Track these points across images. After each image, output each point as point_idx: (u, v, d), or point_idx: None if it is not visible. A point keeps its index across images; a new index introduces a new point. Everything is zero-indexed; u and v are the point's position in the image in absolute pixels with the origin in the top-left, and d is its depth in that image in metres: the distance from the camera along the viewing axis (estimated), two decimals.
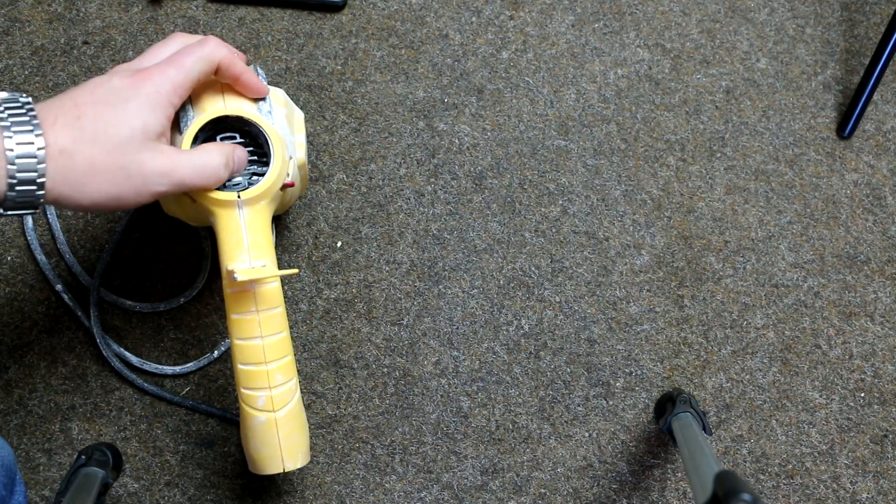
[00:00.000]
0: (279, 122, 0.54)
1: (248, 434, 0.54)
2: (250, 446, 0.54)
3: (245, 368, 0.52)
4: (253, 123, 0.51)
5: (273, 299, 0.52)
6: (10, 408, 0.65)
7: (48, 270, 0.66)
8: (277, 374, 0.53)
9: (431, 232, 0.70)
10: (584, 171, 0.71)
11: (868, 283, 0.71)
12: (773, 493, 0.67)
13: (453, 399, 0.67)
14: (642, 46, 0.74)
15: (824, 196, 0.72)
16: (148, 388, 0.65)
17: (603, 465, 0.67)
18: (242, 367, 0.52)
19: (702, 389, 0.68)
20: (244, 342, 0.52)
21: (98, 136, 0.44)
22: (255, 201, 0.51)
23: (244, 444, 0.55)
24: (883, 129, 0.74)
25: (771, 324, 0.70)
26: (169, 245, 0.68)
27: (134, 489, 0.64)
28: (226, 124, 0.52)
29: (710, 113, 0.73)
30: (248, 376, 0.52)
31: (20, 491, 0.55)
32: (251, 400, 0.52)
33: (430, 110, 0.72)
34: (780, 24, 0.75)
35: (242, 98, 0.52)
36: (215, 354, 0.66)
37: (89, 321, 0.65)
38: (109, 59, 0.71)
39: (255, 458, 0.54)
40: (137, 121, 0.45)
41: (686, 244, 0.71)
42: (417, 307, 0.68)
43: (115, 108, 0.45)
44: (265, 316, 0.52)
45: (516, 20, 0.74)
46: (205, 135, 0.52)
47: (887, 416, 0.68)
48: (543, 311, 0.69)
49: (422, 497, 0.65)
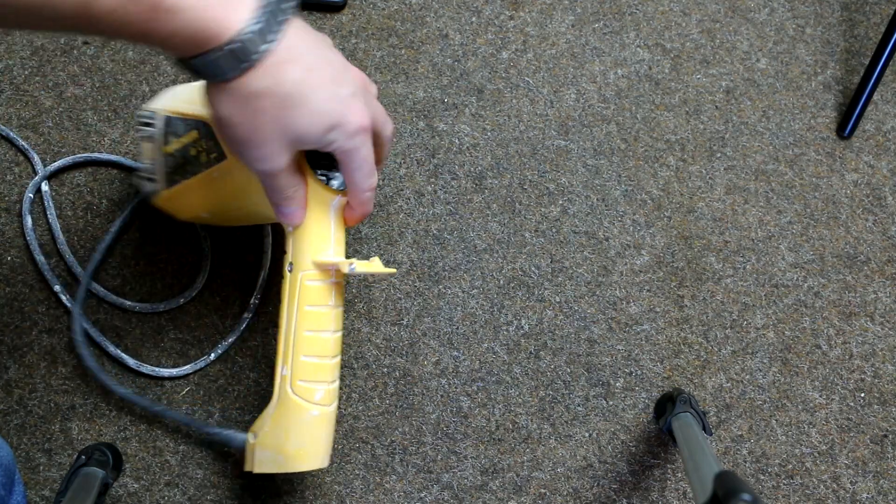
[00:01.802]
0: None
1: (293, 428, 0.52)
2: (291, 441, 0.52)
3: (309, 361, 0.51)
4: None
5: (342, 297, 0.53)
6: (10, 408, 0.65)
7: (46, 271, 0.66)
8: (337, 369, 0.53)
9: (431, 232, 0.70)
10: (584, 171, 0.71)
11: (868, 283, 0.71)
12: (773, 493, 0.67)
13: (453, 399, 0.67)
14: (642, 46, 0.74)
15: (824, 196, 0.72)
16: (119, 390, 0.63)
17: (603, 465, 0.67)
18: (306, 359, 0.51)
19: (702, 389, 0.68)
20: (314, 334, 0.51)
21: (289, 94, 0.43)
22: (343, 200, 0.52)
23: (280, 439, 0.52)
24: (883, 129, 0.74)
25: (771, 324, 0.70)
26: (169, 245, 0.68)
27: (134, 489, 0.64)
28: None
29: (710, 113, 0.73)
30: (311, 369, 0.51)
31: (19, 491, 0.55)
32: (308, 393, 0.51)
33: (430, 110, 0.72)
34: (780, 24, 0.75)
35: None
36: (212, 357, 0.66)
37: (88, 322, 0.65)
38: (110, 60, 0.71)
39: (293, 454, 0.52)
40: (324, 111, 0.44)
41: (686, 244, 0.71)
42: (417, 307, 0.68)
43: (320, 83, 0.44)
44: (338, 311, 0.53)
45: (516, 20, 0.74)
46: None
47: (887, 416, 0.68)
48: (543, 311, 0.69)
49: (422, 497, 0.65)
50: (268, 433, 0.52)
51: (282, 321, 0.52)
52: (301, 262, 0.51)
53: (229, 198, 0.55)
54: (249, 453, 0.54)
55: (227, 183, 0.54)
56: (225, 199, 0.56)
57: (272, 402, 0.53)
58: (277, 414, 0.52)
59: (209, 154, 0.53)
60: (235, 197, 0.54)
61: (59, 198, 0.68)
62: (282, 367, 0.52)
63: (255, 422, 0.54)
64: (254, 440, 0.53)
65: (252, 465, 0.53)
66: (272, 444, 0.52)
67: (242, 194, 0.53)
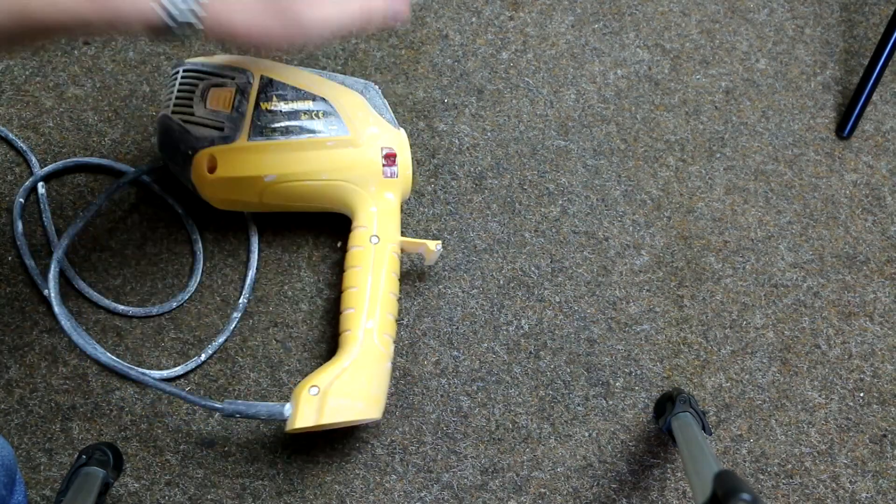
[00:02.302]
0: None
1: (376, 375, 0.59)
2: (373, 388, 0.59)
3: (390, 318, 0.61)
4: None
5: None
6: (10, 407, 0.65)
7: (36, 275, 0.66)
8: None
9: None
10: (583, 171, 0.72)
11: (867, 283, 0.71)
12: (772, 492, 0.67)
13: (453, 399, 0.67)
14: (642, 47, 0.74)
15: (824, 196, 0.72)
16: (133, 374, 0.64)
17: (603, 465, 0.67)
18: (390, 316, 0.61)
19: (701, 389, 0.68)
20: (394, 297, 0.62)
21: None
22: (406, 192, 0.65)
23: (361, 386, 0.58)
24: (882, 130, 0.74)
25: (770, 324, 0.70)
26: (168, 246, 0.68)
27: (134, 489, 0.64)
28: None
29: (709, 113, 0.73)
30: (390, 325, 0.61)
31: (20, 490, 0.56)
32: (388, 346, 0.61)
33: (430, 110, 0.72)
34: (779, 25, 0.76)
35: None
36: (202, 358, 0.66)
37: (75, 325, 0.65)
38: (110, 60, 0.71)
39: (372, 399, 0.59)
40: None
41: (686, 244, 0.71)
42: (417, 307, 0.68)
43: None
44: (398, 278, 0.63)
45: (516, 20, 0.74)
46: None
47: (886, 415, 0.68)
48: (543, 311, 0.69)
49: (422, 497, 0.66)
50: (347, 381, 0.58)
51: (364, 283, 0.60)
52: (388, 236, 0.62)
53: (317, 170, 0.61)
54: (312, 406, 0.57)
55: (333, 155, 0.61)
56: (312, 169, 0.61)
57: (347, 354, 0.59)
58: (359, 363, 0.59)
59: (327, 126, 0.61)
60: (326, 171, 0.61)
61: (60, 198, 0.68)
62: (366, 321, 0.59)
63: (309, 379, 0.58)
64: (317, 393, 0.57)
65: (321, 415, 0.56)
66: (350, 391, 0.58)
67: (337, 168, 0.61)
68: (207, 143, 0.60)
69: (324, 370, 0.58)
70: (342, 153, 0.61)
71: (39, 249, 0.67)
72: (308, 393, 0.57)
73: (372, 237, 0.62)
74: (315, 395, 0.57)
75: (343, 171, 0.61)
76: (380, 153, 0.62)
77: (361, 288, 0.60)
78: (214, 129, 0.60)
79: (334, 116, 0.61)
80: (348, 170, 0.61)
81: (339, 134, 0.61)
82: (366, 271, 0.61)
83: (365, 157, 0.61)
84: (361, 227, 0.62)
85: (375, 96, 0.64)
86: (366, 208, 0.62)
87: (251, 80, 0.60)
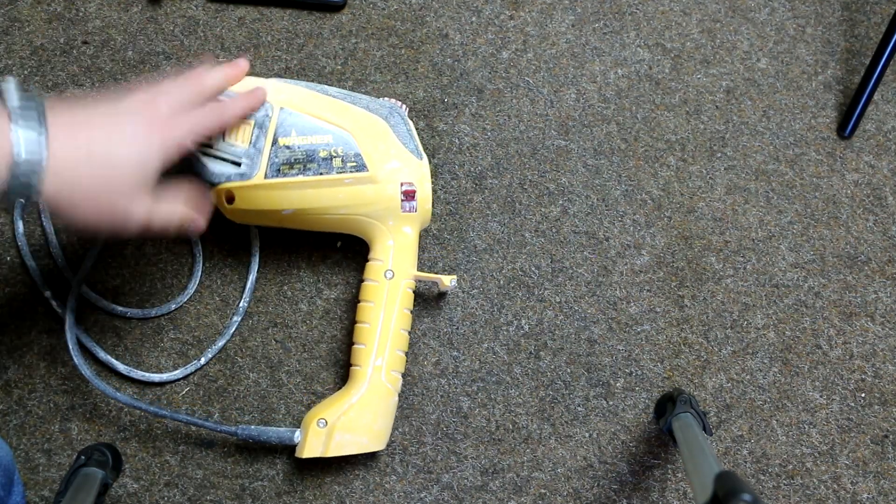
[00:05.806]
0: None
1: (381, 412, 0.61)
2: (378, 423, 0.61)
3: (399, 354, 0.62)
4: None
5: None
6: (9, 408, 0.65)
7: (37, 276, 0.66)
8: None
9: (431, 232, 0.70)
10: (584, 171, 0.71)
11: (868, 284, 0.71)
12: (773, 493, 0.67)
13: (453, 399, 0.67)
14: (642, 46, 0.74)
15: (825, 196, 0.72)
16: (111, 392, 0.62)
17: (603, 466, 0.67)
18: (399, 352, 0.62)
19: (702, 389, 0.68)
20: (405, 332, 0.63)
21: (102, 164, 0.48)
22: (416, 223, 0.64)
23: (368, 422, 0.60)
24: (883, 129, 0.74)
25: (771, 324, 0.70)
26: (167, 246, 0.68)
27: (134, 489, 0.64)
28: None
29: (710, 113, 0.73)
30: (399, 362, 0.62)
31: (18, 491, 0.56)
32: (396, 382, 0.62)
33: (430, 110, 0.72)
34: (780, 24, 0.75)
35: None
36: (202, 361, 0.66)
37: (79, 328, 0.65)
38: (109, 59, 0.71)
39: (377, 434, 0.61)
40: (141, 164, 0.50)
41: (686, 244, 0.71)
42: (417, 307, 0.68)
43: (127, 145, 0.49)
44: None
45: (516, 20, 0.74)
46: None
47: (888, 416, 0.68)
48: (543, 311, 0.69)
49: (422, 497, 0.65)
50: (353, 418, 0.60)
51: (375, 320, 0.61)
52: (402, 272, 0.62)
53: (335, 206, 0.61)
54: (319, 439, 0.60)
55: (351, 191, 0.60)
56: (330, 205, 0.61)
57: (356, 389, 0.61)
58: (366, 400, 0.61)
59: (345, 161, 0.60)
60: (344, 206, 0.61)
61: None
62: (375, 359, 0.61)
63: (319, 411, 0.61)
64: (324, 427, 0.60)
65: (327, 448, 0.60)
66: (357, 427, 0.60)
67: (354, 204, 0.61)
68: (225, 178, 0.59)
69: (333, 403, 0.61)
70: (360, 189, 0.61)
71: (39, 249, 0.67)
72: (316, 426, 0.60)
73: (387, 272, 0.62)
74: (322, 427, 0.60)
75: (360, 207, 0.61)
76: (399, 189, 0.61)
77: (373, 325, 0.61)
78: (232, 164, 0.59)
79: (354, 152, 0.60)
80: (366, 206, 0.61)
81: (358, 171, 0.60)
82: (378, 308, 0.62)
83: (384, 194, 0.61)
84: (377, 261, 0.62)
85: (400, 122, 0.62)
86: (383, 242, 0.62)
87: (269, 113, 0.59)
